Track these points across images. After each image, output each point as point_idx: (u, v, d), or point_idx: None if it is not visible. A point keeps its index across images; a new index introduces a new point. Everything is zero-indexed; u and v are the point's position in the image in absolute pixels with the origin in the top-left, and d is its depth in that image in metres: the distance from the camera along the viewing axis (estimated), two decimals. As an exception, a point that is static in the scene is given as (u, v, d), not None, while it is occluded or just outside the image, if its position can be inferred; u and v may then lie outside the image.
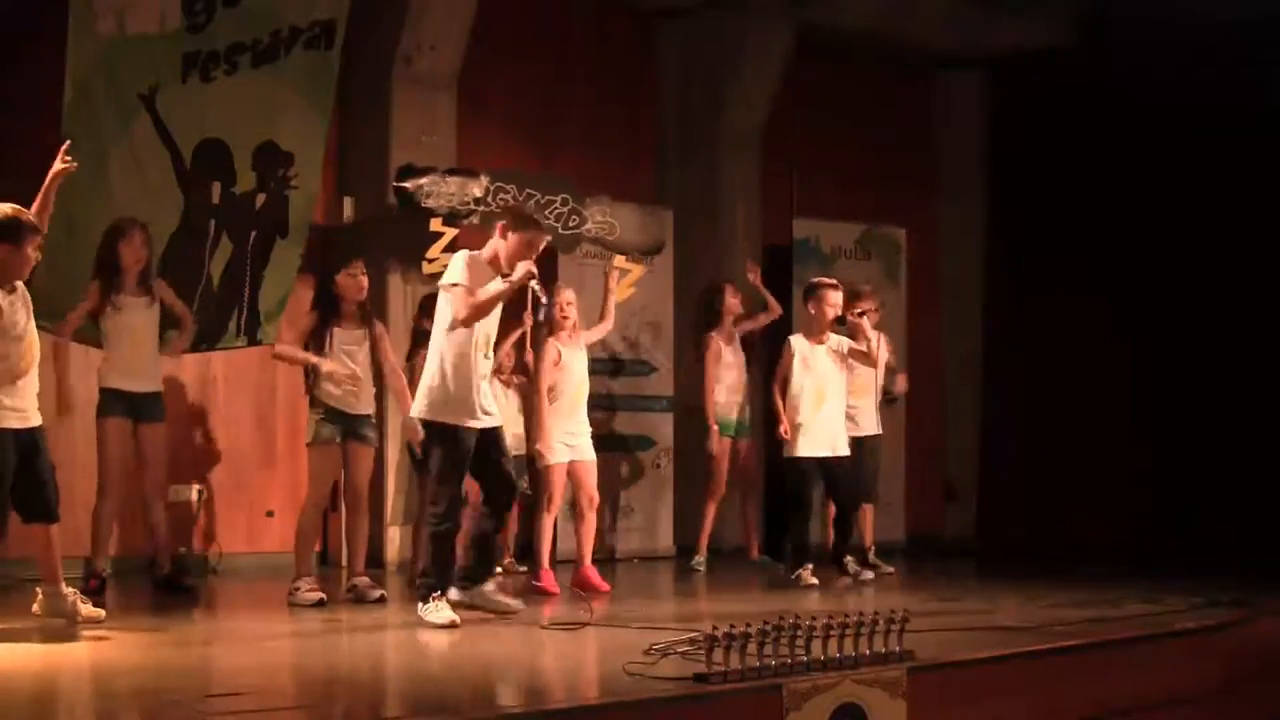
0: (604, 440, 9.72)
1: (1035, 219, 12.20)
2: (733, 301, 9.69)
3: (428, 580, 6.56)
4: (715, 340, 9.59)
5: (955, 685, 5.39)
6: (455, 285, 6.52)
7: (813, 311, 8.64)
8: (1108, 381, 11.76)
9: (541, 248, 6.78)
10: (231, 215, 8.36)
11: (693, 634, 5.30)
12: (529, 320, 8.50)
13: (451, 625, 6.38)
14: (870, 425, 9.22)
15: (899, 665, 5.15)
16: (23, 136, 8.30)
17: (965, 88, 12.72)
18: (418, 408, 6.67)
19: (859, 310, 8.72)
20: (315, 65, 8.48)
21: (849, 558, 8.67)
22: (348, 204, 9.69)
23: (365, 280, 7.65)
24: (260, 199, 8.42)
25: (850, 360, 8.72)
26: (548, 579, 7.94)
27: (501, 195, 9.31)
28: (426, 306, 8.73)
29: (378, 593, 7.41)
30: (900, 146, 12.45)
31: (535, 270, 6.56)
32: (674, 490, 10.56)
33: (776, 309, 9.76)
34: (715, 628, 4.77)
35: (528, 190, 9.39)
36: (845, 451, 8.62)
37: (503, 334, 8.73)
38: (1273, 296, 11.13)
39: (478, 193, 9.30)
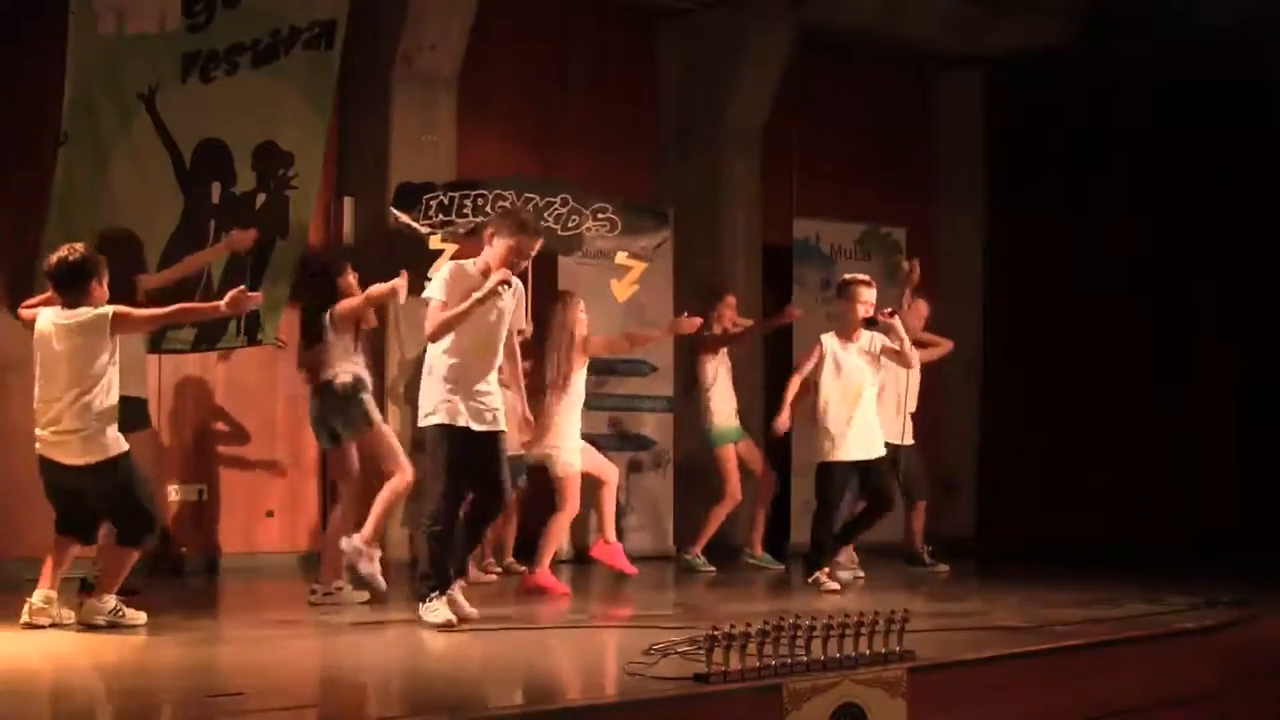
0: (604, 440, 9.74)
1: (1035, 219, 12.20)
2: (729, 313, 9.69)
3: (427, 581, 6.58)
4: (714, 345, 9.61)
5: (955, 685, 5.39)
6: (430, 299, 6.59)
7: (843, 309, 8.45)
8: (1108, 380, 11.75)
9: (533, 252, 6.78)
10: (231, 215, 8.35)
11: (693, 634, 5.31)
12: (528, 327, 8.49)
13: (448, 625, 6.40)
14: (893, 436, 9.07)
15: (899, 665, 5.16)
16: (23, 137, 8.31)
17: (965, 88, 12.71)
18: (420, 413, 6.70)
19: (890, 310, 8.47)
20: (315, 65, 8.49)
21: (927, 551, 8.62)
22: (347, 204, 9.69)
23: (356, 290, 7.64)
24: (260, 199, 8.43)
25: (884, 360, 8.48)
26: (549, 579, 7.98)
27: (500, 203, 9.28)
28: None
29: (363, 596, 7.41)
30: (900, 146, 12.44)
31: (509, 278, 6.57)
32: (673, 490, 10.56)
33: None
34: (715, 628, 4.77)
35: (526, 194, 9.37)
36: (882, 452, 8.39)
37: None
38: (1273, 295, 11.12)
39: (468, 220, 9.24)
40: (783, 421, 8.48)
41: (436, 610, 6.47)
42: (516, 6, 10.44)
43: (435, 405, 6.56)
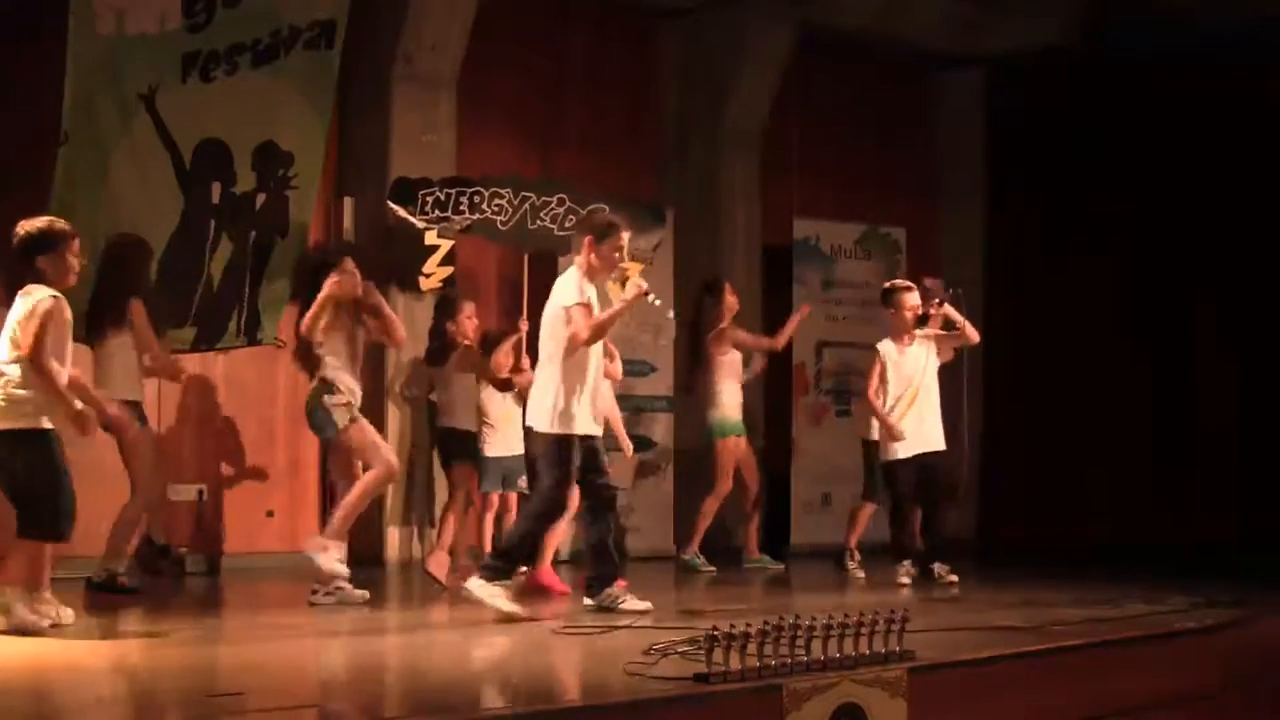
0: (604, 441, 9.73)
1: (1035, 219, 12.20)
2: (731, 299, 9.69)
3: (497, 563, 6.77)
4: (722, 336, 9.64)
5: (955, 685, 5.39)
6: (578, 304, 6.80)
7: (891, 317, 8.69)
8: (1107, 381, 11.76)
9: (627, 240, 7.03)
10: (231, 215, 8.37)
11: (693, 634, 5.30)
12: (524, 325, 8.63)
13: (513, 616, 6.51)
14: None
15: (899, 665, 5.15)
16: (24, 136, 8.31)
17: (965, 88, 12.71)
18: (540, 421, 6.87)
19: (937, 300, 8.75)
20: (315, 65, 8.49)
21: (936, 562, 8.59)
22: (347, 204, 9.69)
23: (359, 277, 7.56)
24: (260, 199, 8.43)
25: (948, 345, 8.72)
26: (551, 578, 7.99)
27: (496, 201, 9.28)
28: (444, 308, 8.81)
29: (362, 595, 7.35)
30: (900, 146, 12.45)
31: (645, 285, 6.98)
32: (674, 490, 10.56)
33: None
34: (715, 628, 4.77)
35: (523, 193, 9.37)
36: (941, 446, 8.64)
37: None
38: (1271, 296, 11.13)
39: (465, 218, 9.24)
40: (899, 431, 8.52)
41: (498, 597, 6.61)
42: (516, 6, 10.44)
43: (568, 415, 6.80)
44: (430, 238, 9.24)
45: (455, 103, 9.88)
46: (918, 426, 8.55)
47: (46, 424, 6.08)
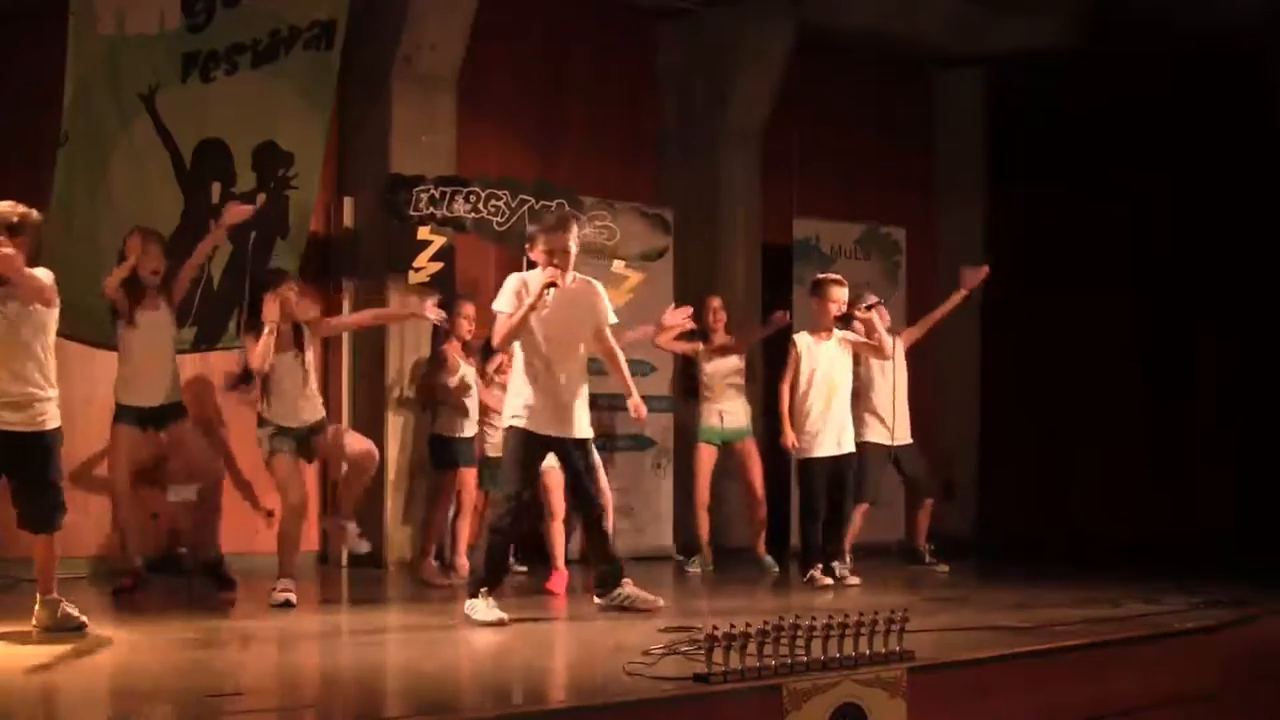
0: (602, 440, 9.72)
1: (1035, 219, 12.20)
2: (718, 314, 9.71)
3: (477, 576, 6.71)
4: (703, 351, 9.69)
5: (955, 685, 5.40)
6: (498, 311, 6.82)
7: (816, 308, 8.66)
8: (1107, 381, 11.75)
9: (568, 247, 6.86)
10: (232, 215, 8.36)
11: (693, 634, 5.31)
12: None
13: (499, 623, 6.46)
14: (906, 434, 9.45)
15: (899, 665, 5.16)
16: (24, 136, 8.31)
17: (965, 88, 12.71)
18: (502, 418, 6.99)
19: (867, 305, 8.73)
20: (315, 65, 8.50)
21: (836, 561, 8.58)
22: (348, 204, 9.69)
23: (292, 297, 7.56)
24: (260, 199, 8.43)
25: (863, 354, 8.76)
26: (558, 580, 8.00)
27: (493, 202, 9.27)
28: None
29: (284, 598, 7.27)
30: (900, 146, 12.44)
31: (557, 279, 6.73)
32: (673, 490, 10.56)
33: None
34: (715, 628, 4.78)
35: (521, 196, 9.36)
36: (851, 449, 8.64)
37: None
38: (1272, 295, 11.12)
39: (459, 214, 9.25)
40: (791, 438, 8.60)
41: (486, 609, 6.55)
42: (517, 6, 10.44)
43: (521, 411, 6.82)
44: (423, 233, 9.25)
45: (455, 103, 9.88)
46: (832, 426, 8.51)
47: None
